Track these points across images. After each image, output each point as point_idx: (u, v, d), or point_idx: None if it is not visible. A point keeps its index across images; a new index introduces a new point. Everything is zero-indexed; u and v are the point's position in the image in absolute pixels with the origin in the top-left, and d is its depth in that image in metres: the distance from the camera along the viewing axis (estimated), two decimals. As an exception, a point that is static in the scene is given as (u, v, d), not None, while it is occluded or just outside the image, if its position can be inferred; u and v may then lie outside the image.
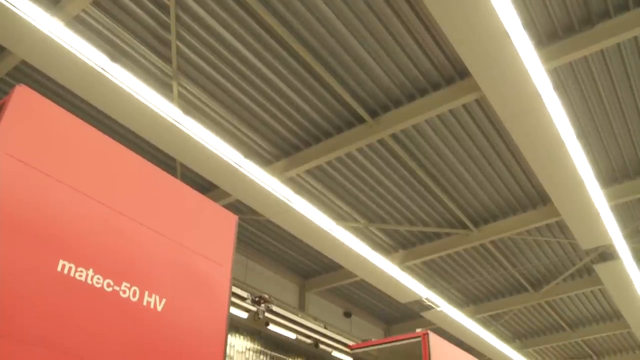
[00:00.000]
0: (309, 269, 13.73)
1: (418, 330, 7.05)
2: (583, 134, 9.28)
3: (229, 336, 4.19)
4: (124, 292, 3.33)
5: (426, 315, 13.43)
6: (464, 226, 11.62)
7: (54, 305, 2.94)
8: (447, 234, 12.04)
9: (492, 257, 13.14)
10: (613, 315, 16.79)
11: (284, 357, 7.10)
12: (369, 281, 12.18)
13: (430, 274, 13.75)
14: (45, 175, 3.12)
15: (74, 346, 2.98)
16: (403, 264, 12.37)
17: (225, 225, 4.33)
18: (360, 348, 7.44)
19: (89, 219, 3.28)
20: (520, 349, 18.19)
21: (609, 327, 17.45)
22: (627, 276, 11.93)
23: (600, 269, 11.90)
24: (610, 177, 10.46)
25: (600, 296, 15.59)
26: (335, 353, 7.44)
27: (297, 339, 6.83)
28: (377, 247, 11.95)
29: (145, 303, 3.44)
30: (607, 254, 11.34)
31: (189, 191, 4.17)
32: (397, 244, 12.51)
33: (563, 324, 17.37)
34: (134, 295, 3.39)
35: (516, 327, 17.81)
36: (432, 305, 12.96)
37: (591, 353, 20.08)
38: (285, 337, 6.70)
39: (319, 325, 7.33)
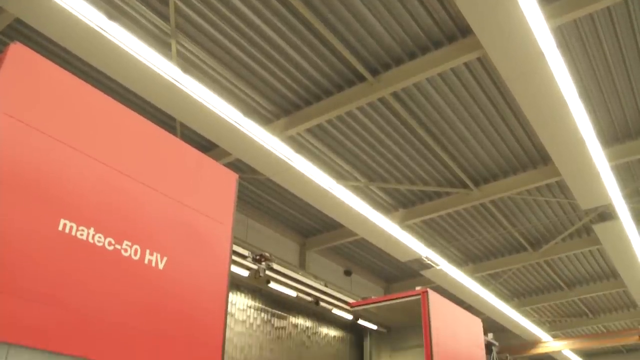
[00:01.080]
0: (309, 227, 13.80)
1: (417, 288, 7.10)
2: (586, 94, 9.20)
3: (230, 294, 4.24)
4: (125, 250, 3.37)
5: (426, 273, 13.55)
6: (464, 185, 11.62)
7: (56, 263, 2.97)
8: (447, 193, 12.05)
9: (491, 216, 13.18)
10: (610, 275, 16.94)
11: (285, 314, 7.17)
12: (369, 240, 12.25)
13: (430, 232, 13.82)
14: (44, 135, 3.12)
15: (76, 304, 3.02)
16: (403, 222, 12.41)
17: (225, 183, 4.35)
18: (360, 306, 7.53)
19: (90, 178, 3.29)
20: (518, 307, 18.40)
21: (605, 286, 17.63)
22: (626, 236, 11.98)
23: (599, 229, 11.95)
24: (611, 137, 10.41)
25: (598, 256, 15.70)
26: (335, 310, 7.52)
27: (297, 296, 6.88)
28: (377, 205, 11.97)
29: (146, 261, 3.49)
30: (606, 214, 11.38)
31: (189, 150, 4.17)
32: (397, 203, 12.54)
33: (561, 283, 17.54)
34: (135, 254, 3.42)
35: (514, 286, 17.98)
36: (432, 264, 13.07)
37: (587, 311, 20.33)
38: (286, 294, 6.75)
39: (320, 284, 7.38)
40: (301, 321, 7.45)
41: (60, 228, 3.04)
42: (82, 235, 3.15)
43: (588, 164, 9.17)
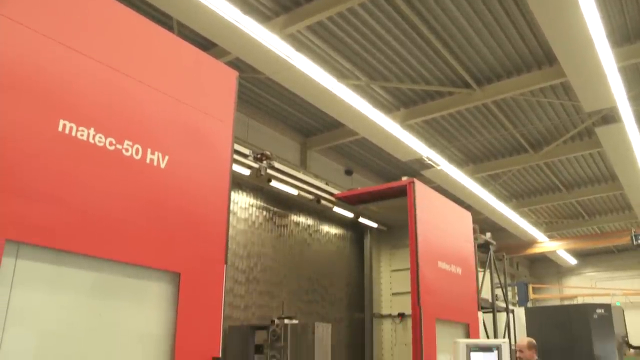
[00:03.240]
0: (310, 127, 13.75)
1: (404, 178, 7.03)
2: (597, -10, 8.88)
3: (232, 192, 4.30)
4: (127, 150, 3.39)
5: (426, 173, 13.63)
6: (466, 85, 11.46)
7: (57, 164, 3.01)
8: (450, 93, 11.91)
9: (493, 117, 13.10)
10: (608, 178, 17.07)
11: (286, 212, 7.25)
12: (370, 139, 12.25)
13: (431, 132, 13.78)
14: (42, 36, 3.08)
15: (79, 202, 3.09)
16: (404, 122, 12.34)
17: (225, 81, 4.31)
18: (345, 197, 7.47)
19: (88, 78, 3.27)
20: (517, 208, 18.67)
21: (602, 188, 17.84)
22: (627, 140, 11.97)
23: (601, 131, 11.91)
24: (622, 37, 10.12)
25: (598, 159, 15.75)
26: (336, 209, 7.59)
27: (298, 195, 6.92)
28: (378, 105, 11.85)
29: (148, 160, 3.52)
30: (609, 117, 11.29)
31: (188, 47, 4.10)
32: (399, 102, 12.42)
33: (559, 185, 17.71)
34: (136, 153, 3.44)
35: (514, 187, 18.15)
36: (432, 164, 13.12)
37: (583, 213, 20.66)
38: (287, 193, 6.79)
39: (321, 182, 7.42)
40: (302, 219, 7.56)
41: (59, 129, 3.05)
42: (82, 135, 3.16)
43: (595, 65, 8.99)
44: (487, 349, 6.05)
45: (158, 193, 3.54)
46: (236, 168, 5.72)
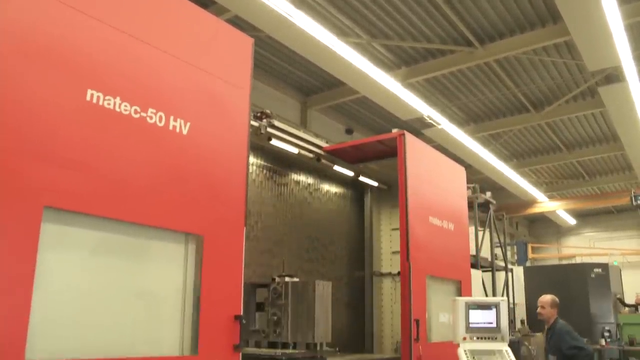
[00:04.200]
0: (310, 85, 13.64)
1: (394, 130, 6.92)
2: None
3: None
4: (151, 117, 3.53)
5: (427, 132, 13.58)
6: (468, 43, 11.31)
7: (87, 132, 3.16)
8: (451, 52, 11.76)
9: (495, 76, 12.98)
10: (610, 138, 17.01)
11: (287, 171, 7.23)
12: (371, 98, 12.17)
13: (432, 91, 13.67)
14: (70, 8, 3.18)
15: (107, 169, 3.25)
16: (405, 81, 12.23)
17: (241, 48, 4.44)
18: (333, 150, 7.38)
19: (113, 48, 3.38)
20: (517, 168, 18.65)
21: (604, 149, 17.81)
22: (631, 99, 11.89)
23: (604, 91, 11.82)
24: (628, -7, 9.96)
25: (600, 119, 15.67)
26: (336, 167, 7.57)
27: (299, 153, 6.89)
28: (379, 63, 11.72)
29: (171, 127, 3.66)
30: (613, 76, 11.18)
31: (205, 15, 4.23)
32: (400, 61, 12.28)
33: (560, 145, 17.66)
34: (160, 121, 3.59)
35: (514, 147, 18.11)
36: (433, 123, 13.05)
37: (583, 173, 20.66)
38: (287, 151, 6.76)
39: (321, 141, 7.38)
40: (303, 178, 7.54)
41: (87, 98, 3.18)
42: (109, 104, 3.29)
43: (600, 23, 8.84)
44: (485, 306, 6.09)
45: (181, 159, 3.69)
46: (236, 126, 5.67)
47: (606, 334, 13.86)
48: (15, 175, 2.78)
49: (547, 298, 7.53)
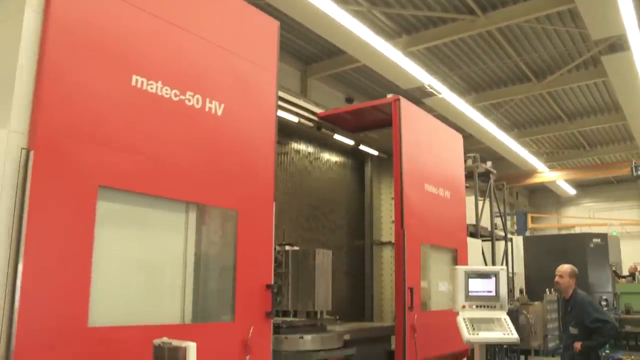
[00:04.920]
0: (310, 54, 13.51)
1: (389, 95, 6.82)
2: None
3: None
4: (189, 100, 3.77)
5: (427, 102, 13.50)
6: (470, 11, 11.17)
7: (133, 115, 3.40)
8: (453, 20, 11.62)
9: (497, 44, 12.84)
10: (612, 108, 16.93)
11: (287, 140, 7.18)
12: (371, 66, 12.08)
13: (433, 60, 13.54)
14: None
15: (152, 149, 3.49)
16: (406, 49, 12.10)
17: (268, 31, 4.63)
18: (328, 116, 7.28)
19: (153, 35, 3.61)
20: (518, 137, 18.61)
21: (605, 119, 17.75)
22: (634, 68, 11.81)
23: (607, 60, 11.73)
24: (633, -40, 9.79)
25: (603, 88, 15.57)
26: (337, 136, 7.51)
27: (299, 122, 6.82)
28: (380, 31, 11.58)
29: (207, 109, 3.90)
30: (617, 45, 11.07)
31: (234, 0, 4.38)
32: (401, 29, 12.14)
33: (562, 115, 17.58)
34: (197, 103, 3.83)
35: (516, 117, 18.02)
36: (434, 92, 12.97)
37: (584, 143, 20.61)
38: (287, 120, 6.69)
39: (321, 110, 7.30)
40: (303, 147, 7.49)
41: (133, 83, 3.41)
42: (152, 88, 3.53)
43: (605, -11, 8.73)
44: (485, 275, 6.12)
45: (216, 139, 3.94)
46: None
47: (604, 302, 13.95)
48: (73, 158, 3.04)
49: (565, 267, 7.25)
